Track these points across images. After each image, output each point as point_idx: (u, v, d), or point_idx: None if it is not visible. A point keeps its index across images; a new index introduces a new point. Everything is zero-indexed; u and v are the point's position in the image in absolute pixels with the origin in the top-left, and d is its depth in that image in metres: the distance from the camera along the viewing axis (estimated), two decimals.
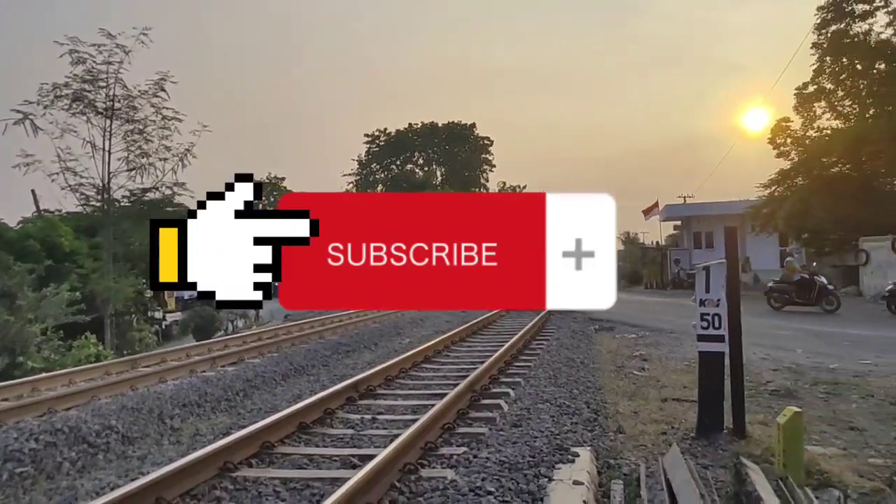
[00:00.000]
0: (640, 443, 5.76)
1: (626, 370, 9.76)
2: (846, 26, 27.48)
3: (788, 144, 29.89)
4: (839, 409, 7.03)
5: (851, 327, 15.62)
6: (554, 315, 17.78)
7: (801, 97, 28.97)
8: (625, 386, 8.51)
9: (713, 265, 5.75)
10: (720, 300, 5.64)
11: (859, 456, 5.36)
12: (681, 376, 8.93)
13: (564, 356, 10.59)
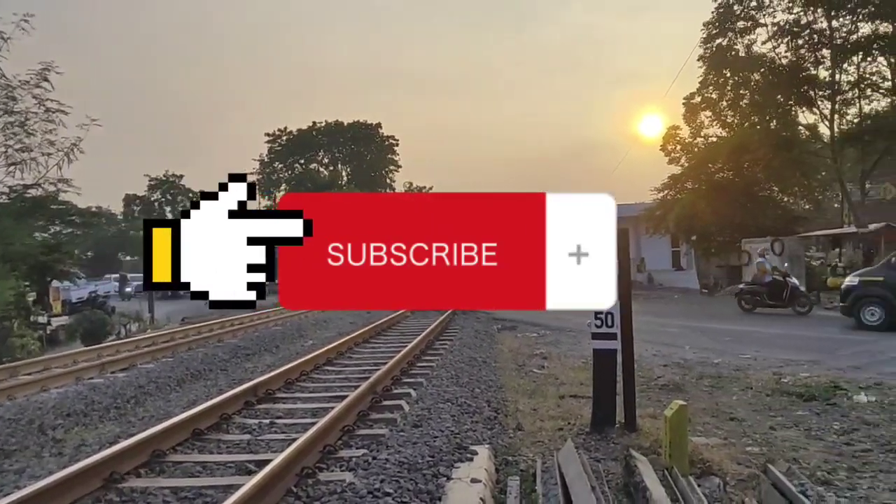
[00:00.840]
0: (538, 439, 5.91)
1: (526, 368, 9.99)
2: (729, 41, 29.29)
3: (678, 151, 31.54)
4: (721, 402, 7.46)
5: (731, 323, 16.62)
6: (458, 315, 17.96)
7: (689, 106, 30.62)
8: (525, 384, 8.70)
9: None
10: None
11: (738, 445, 5.71)
12: (578, 373, 9.21)
13: (467, 356, 10.72)
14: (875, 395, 7.50)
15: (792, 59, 28.11)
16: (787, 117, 29.34)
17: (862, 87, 28.00)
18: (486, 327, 15.85)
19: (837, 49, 26.99)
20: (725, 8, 28.93)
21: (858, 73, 27.80)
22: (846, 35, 26.94)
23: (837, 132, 28.21)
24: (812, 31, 27.52)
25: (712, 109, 30.25)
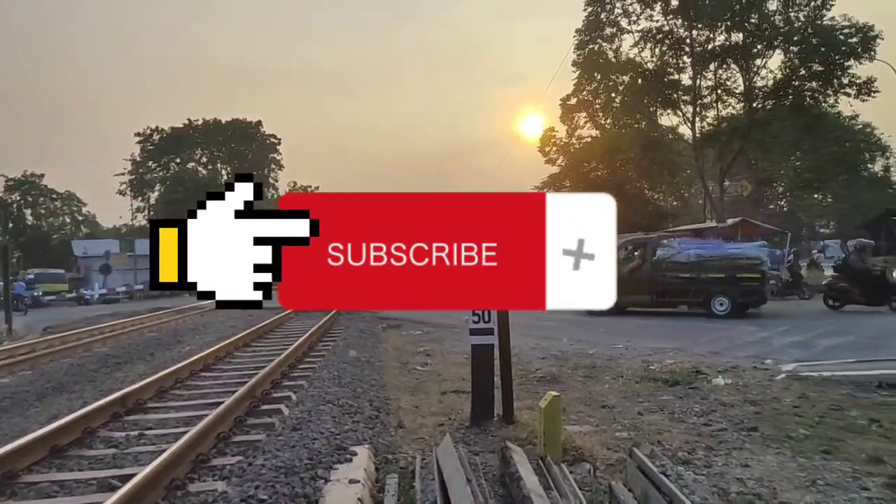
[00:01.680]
0: (419, 436, 5.94)
1: (410, 366, 10.02)
2: (600, 47, 30.79)
3: (555, 152, 32.79)
4: (595, 390, 7.79)
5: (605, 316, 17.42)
6: (342, 315, 17.77)
7: (566, 108, 31.90)
8: (408, 382, 8.73)
9: None
10: None
11: (608, 431, 5.98)
12: (460, 369, 9.34)
13: (350, 356, 10.63)
14: (731, 378, 8.09)
15: (657, 64, 29.87)
16: (653, 119, 31.16)
17: (719, 92, 30.18)
18: (371, 326, 15.78)
19: (697, 56, 28.94)
20: (594, 16, 30.34)
21: (716, 79, 29.92)
22: (704, 43, 28.91)
23: (698, 133, 30.26)
24: (674, 39, 29.34)
25: (586, 111, 31.67)
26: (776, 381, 7.81)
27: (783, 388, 7.42)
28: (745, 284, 16.26)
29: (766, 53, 28.10)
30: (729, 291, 16.34)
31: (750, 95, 28.73)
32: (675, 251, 17.37)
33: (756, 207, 34.95)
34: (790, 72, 27.53)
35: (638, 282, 16.98)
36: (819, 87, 27.33)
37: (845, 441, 5.34)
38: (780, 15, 27.64)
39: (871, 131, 41.97)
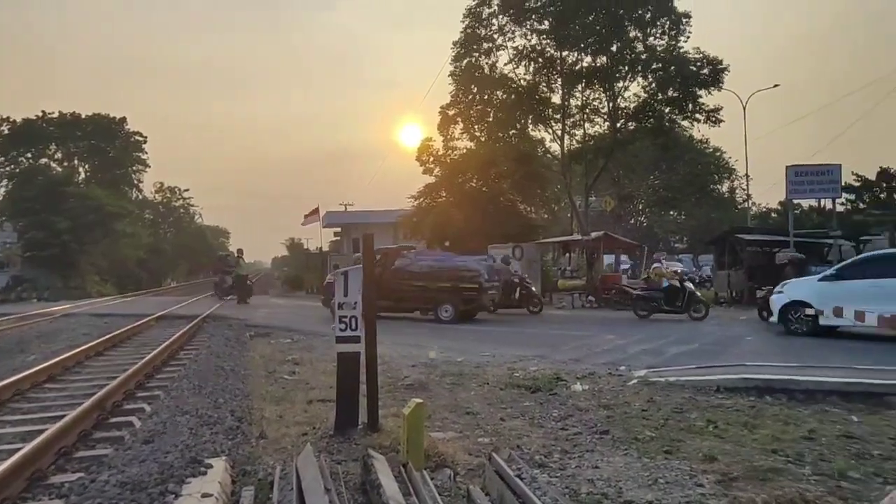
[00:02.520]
0: (281, 446, 5.81)
1: (276, 375, 9.78)
2: (476, 61, 31.53)
3: (432, 162, 33.20)
4: (461, 397, 7.93)
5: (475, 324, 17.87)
6: (208, 323, 17.10)
7: (443, 119, 32.38)
8: (274, 391, 8.52)
9: (351, 270, 6.07)
10: (357, 303, 5.97)
11: (471, 437, 6.11)
12: (329, 377, 9.19)
13: (214, 364, 10.22)
14: (588, 384, 8.49)
15: (530, 81, 30.99)
16: (526, 134, 32.28)
17: (586, 111, 31.72)
18: (238, 334, 15.27)
19: (566, 77, 30.30)
20: (471, 29, 31.06)
21: (583, 98, 31.44)
22: (572, 65, 30.33)
23: (567, 150, 31.66)
24: (545, 59, 30.57)
25: (463, 123, 32.29)
26: (628, 387, 8.27)
27: (634, 393, 7.87)
28: (466, 294, 18.40)
29: (629, 78, 29.88)
30: (452, 300, 18.37)
31: (614, 116, 30.43)
32: (409, 262, 19.14)
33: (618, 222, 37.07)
34: (649, 96, 29.45)
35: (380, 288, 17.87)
36: (674, 112, 29.40)
37: (685, 441, 5.74)
38: (641, 42, 29.52)
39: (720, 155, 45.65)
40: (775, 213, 45.15)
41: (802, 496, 4.26)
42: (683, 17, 29.11)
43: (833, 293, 13.86)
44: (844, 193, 33.74)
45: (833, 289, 13.96)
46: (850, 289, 13.66)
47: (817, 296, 14.11)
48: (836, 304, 13.63)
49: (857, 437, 5.84)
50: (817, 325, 13.90)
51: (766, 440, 5.74)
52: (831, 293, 13.91)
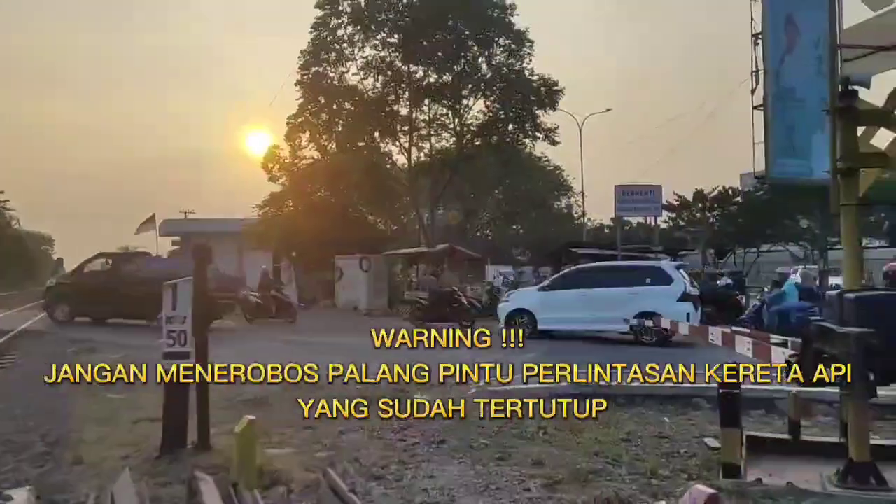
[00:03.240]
0: (100, 471, 5.41)
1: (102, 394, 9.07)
2: (324, 70, 31.25)
3: (278, 170, 32.43)
4: (300, 412, 7.76)
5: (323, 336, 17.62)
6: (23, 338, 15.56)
7: (291, 127, 31.74)
8: (98, 410, 7.92)
9: (180, 283, 5.78)
10: (186, 318, 5.69)
11: (308, 452, 6.02)
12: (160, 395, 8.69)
13: (27, 384, 9.31)
14: (430, 395, 8.61)
15: (378, 93, 31.17)
16: (375, 146, 32.40)
17: (433, 126, 32.41)
18: (60, 350, 14.01)
19: (413, 91, 30.82)
20: (320, 39, 30.76)
21: (430, 113, 32.10)
22: (420, 80, 30.92)
23: (414, 163, 32.14)
24: (393, 72, 30.91)
25: (310, 132, 31.81)
26: (468, 396, 8.49)
27: (473, 403, 8.08)
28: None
29: (474, 95, 30.92)
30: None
31: (460, 132, 31.34)
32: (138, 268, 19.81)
33: (464, 235, 38.05)
34: (492, 114, 30.64)
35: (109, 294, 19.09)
36: (516, 130, 30.79)
37: (517, 448, 5.99)
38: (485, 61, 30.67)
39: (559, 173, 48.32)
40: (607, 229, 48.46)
41: (618, 495, 4.57)
42: (525, 39, 30.54)
43: (550, 301, 16.29)
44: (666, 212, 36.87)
45: (550, 298, 16.39)
46: (562, 297, 16.18)
47: (538, 304, 16.45)
48: (552, 311, 16.05)
49: (668, 437, 6.38)
50: (536, 329, 16.09)
51: (590, 444, 6.12)
52: (548, 301, 16.31)
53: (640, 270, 17.22)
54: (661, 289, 15.77)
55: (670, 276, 16.19)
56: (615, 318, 15.22)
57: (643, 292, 15.75)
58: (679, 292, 15.71)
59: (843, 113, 5.07)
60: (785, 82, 14.96)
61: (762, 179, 17.58)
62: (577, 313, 15.65)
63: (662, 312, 14.81)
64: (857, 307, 4.80)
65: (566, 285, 16.61)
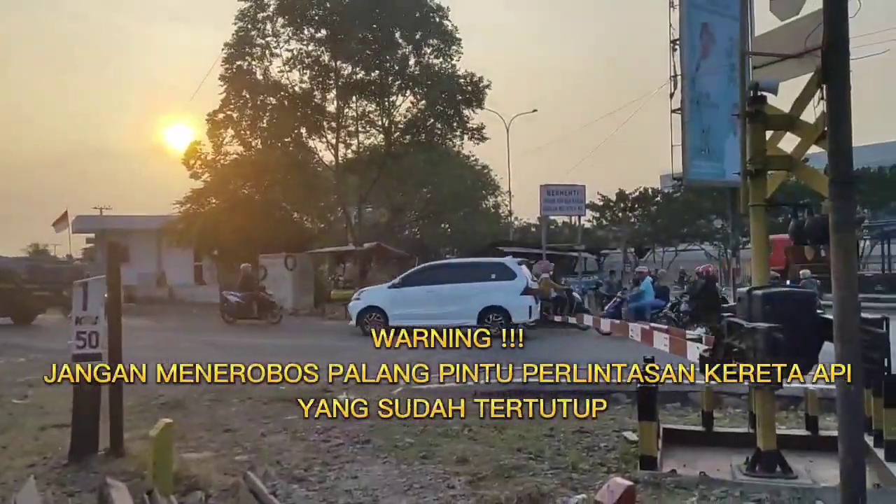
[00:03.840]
0: (2, 480, 5.12)
1: (3, 399, 8.62)
2: (249, 65, 30.45)
3: (200, 167, 31.41)
4: (220, 414, 7.57)
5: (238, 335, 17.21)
6: None
7: (213, 123, 30.78)
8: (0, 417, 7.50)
9: (91, 281, 5.54)
10: (98, 318, 5.45)
11: (228, 455, 5.86)
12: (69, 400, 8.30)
13: None
14: (354, 394, 8.53)
15: (304, 88, 30.61)
16: (301, 142, 31.78)
17: (362, 123, 32.09)
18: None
19: (340, 87, 30.41)
20: (244, 31, 29.95)
21: (358, 110, 31.75)
22: (348, 76, 30.53)
23: (342, 160, 31.74)
24: (320, 67, 30.40)
25: (234, 128, 30.94)
26: (393, 395, 8.45)
27: (399, 401, 8.05)
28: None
29: (402, 92, 30.75)
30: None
31: (388, 129, 31.10)
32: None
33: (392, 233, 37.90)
34: (420, 112, 30.58)
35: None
36: (443, 128, 30.83)
37: (441, 446, 6.00)
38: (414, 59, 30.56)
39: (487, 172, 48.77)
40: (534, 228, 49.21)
41: (539, 490, 4.64)
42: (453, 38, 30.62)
43: (400, 298, 16.71)
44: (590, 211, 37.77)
45: (399, 295, 16.83)
46: (412, 294, 16.69)
47: (388, 301, 16.81)
48: (402, 308, 16.38)
49: (588, 432, 6.52)
50: (387, 325, 16.11)
51: (513, 440, 6.20)
52: (398, 298, 16.75)
53: (486, 267, 17.88)
54: (506, 283, 16.55)
55: (514, 272, 16.88)
56: (463, 311, 15.97)
57: (489, 287, 16.57)
58: (522, 287, 16.52)
59: (752, 118, 5.29)
60: (700, 87, 15.65)
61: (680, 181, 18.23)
62: (426, 309, 16.10)
63: (507, 306, 16.16)
64: (763, 303, 5.02)
65: (415, 282, 17.19)
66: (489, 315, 16.11)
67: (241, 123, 30.81)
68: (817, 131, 4.70)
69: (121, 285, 5.89)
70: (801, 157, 5.30)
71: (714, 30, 15.84)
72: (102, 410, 5.82)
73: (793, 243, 6.35)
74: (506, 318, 16.11)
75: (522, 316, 16.29)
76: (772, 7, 5.32)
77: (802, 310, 5.12)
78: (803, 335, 4.83)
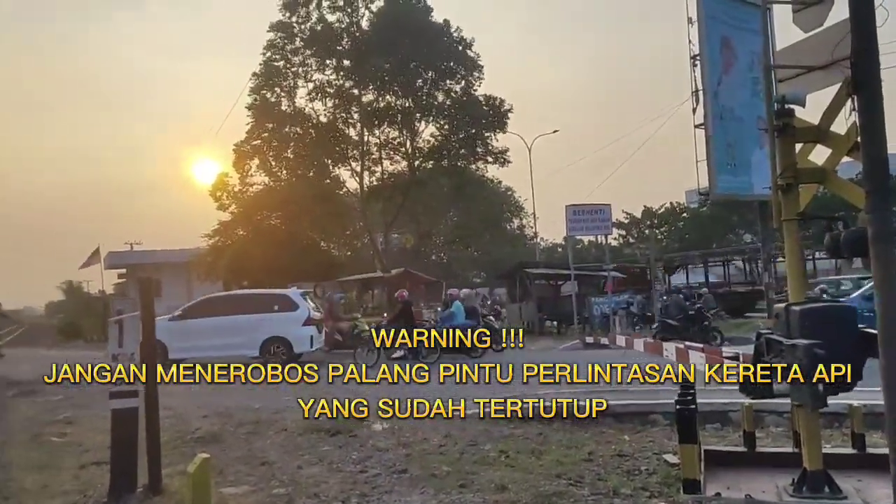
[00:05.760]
0: None
1: (42, 438, 8.72)
2: (276, 95, 31.02)
3: (228, 198, 31.92)
4: (256, 447, 7.58)
5: None
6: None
7: (239, 154, 31.32)
8: (38, 457, 7.57)
9: (126, 318, 5.61)
10: (134, 354, 5.51)
11: (266, 489, 5.85)
12: (107, 437, 8.38)
13: None
14: (388, 423, 8.50)
15: (329, 117, 31.04)
16: (326, 171, 32.17)
17: (386, 150, 32.40)
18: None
19: (365, 114, 30.79)
20: (272, 62, 30.53)
21: (382, 137, 32.10)
22: (371, 104, 30.92)
23: (366, 187, 32.02)
24: (343, 96, 30.85)
25: (260, 158, 31.44)
26: (426, 423, 8.40)
27: (432, 429, 8.01)
28: None
29: (427, 119, 31.04)
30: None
31: (412, 155, 31.36)
32: None
33: (419, 259, 38.02)
34: (444, 138, 30.80)
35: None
36: (467, 152, 31.01)
37: (479, 473, 5.93)
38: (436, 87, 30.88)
39: (511, 194, 48.83)
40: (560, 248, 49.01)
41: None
42: (476, 65, 30.94)
43: (179, 331, 16.38)
44: (616, 230, 37.54)
45: (179, 327, 16.65)
46: (193, 326, 16.69)
47: (167, 334, 15.53)
48: (183, 340, 15.98)
49: (628, 455, 6.40)
50: (167, 360, 14.93)
51: (552, 465, 6.10)
52: (179, 331, 16.38)
53: (269, 298, 18.25)
54: (287, 315, 17.00)
55: (296, 303, 17.36)
56: (246, 343, 16.40)
57: (271, 318, 16.93)
58: (303, 317, 17.03)
59: (780, 131, 5.23)
60: (723, 102, 15.58)
61: (706, 196, 18.06)
62: (209, 341, 16.22)
63: (288, 336, 16.68)
64: (802, 319, 4.91)
65: (197, 314, 17.31)
66: (272, 346, 16.55)
67: (267, 153, 31.32)
68: (849, 142, 4.63)
69: (154, 321, 5.94)
70: (833, 169, 5.22)
71: (735, 44, 15.78)
72: (140, 445, 5.85)
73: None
74: (288, 348, 16.57)
75: (304, 346, 16.82)
76: (795, 20, 5.28)
77: (843, 324, 4.99)
78: (845, 350, 4.71)
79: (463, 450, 6.89)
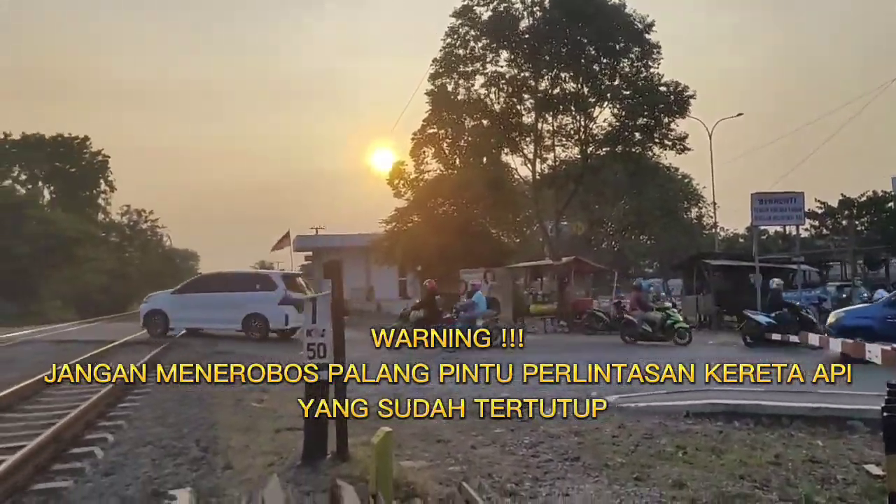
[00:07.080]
0: (248, 476, 5.69)
1: (244, 403, 9.62)
2: (455, 83, 31.59)
3: (403, 186, 33.16)
4: (431, 425, 7.85)
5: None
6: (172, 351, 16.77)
7: (416, 141, 32.37)
8: (240, 420, 8.37)
9: (319, 297, 6.02)
10: (325, 330, 5.91)
11: (442, 465, 6.05)
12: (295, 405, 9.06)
13: (177, 393, 10.00)
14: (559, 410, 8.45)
15: (503, 105, 31.14)
16: (498, 159, 32.38)
17: (558, 137, 31.97)
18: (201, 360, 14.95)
19: (538, 102, 30.52)
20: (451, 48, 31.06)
21: (555, 123, 31.67)
22: (545, 90, 30.58)
23: (538, 175, 31.82)
24: (519, 83, 30.77)
25: (436, 146, 32.30)
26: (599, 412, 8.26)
27: (605, 419, 7.86)
28: None
29: (600, 104, 30.21)
30: None
31: (585, 142, 30.70)
32: None
33: (589, 247, 37.38)
34: (619, 123, 29.82)
35: None
36: (644, 138, 29.80)
37: (655, 467, 5.74)
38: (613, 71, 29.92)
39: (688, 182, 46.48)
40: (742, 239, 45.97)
41: None
42: (653, 48, 29.64)
43: (179, 303, 19.34)
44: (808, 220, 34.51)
45: (179, 300, 19.48)
46: (190, 300, 19.24)
47: (169, 305, 19.50)
48: (181, 312, 19.19)
49: (821, 462, 5.90)
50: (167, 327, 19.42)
51: (734, 465, 5.77)
52: (178, 303, 19.34)
53: (252, 278, 20.79)
54: (266, 294, 18.94)
55: (276, 283, 19.39)
56: (230, 317, 18.86)
57: (252, 297, 18.98)
58: (280, 297, 18.73)
59: None
60: None
61: None
62: (200, 314, 19.03)
63: (265, 314, 18.72)
64: None
65: (193, 290, 19.94)
66: (252, 321, 18.79)
67: (442, 141, 32.05)
68: None
69: (343, 300, 6.33)
70: None
71: None
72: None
73: None
74: (264, 324, 18.74)
75: (279, 323, 18.77)
76: None
77: None
78: None
79: (637, 442, 6.70)
